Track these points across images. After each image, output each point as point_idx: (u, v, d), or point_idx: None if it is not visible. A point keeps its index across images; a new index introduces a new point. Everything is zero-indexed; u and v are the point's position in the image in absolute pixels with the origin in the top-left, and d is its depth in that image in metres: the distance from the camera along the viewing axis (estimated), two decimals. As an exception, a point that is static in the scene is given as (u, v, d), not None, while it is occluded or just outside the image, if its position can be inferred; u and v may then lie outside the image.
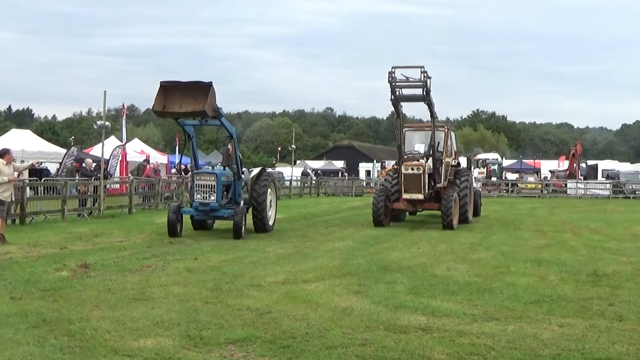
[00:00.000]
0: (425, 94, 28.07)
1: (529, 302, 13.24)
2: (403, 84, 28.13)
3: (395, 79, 27.80)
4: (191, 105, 23.07)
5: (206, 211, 24.82)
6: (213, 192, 24.49)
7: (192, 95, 23.20)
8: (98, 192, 33.27)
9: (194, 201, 24.79)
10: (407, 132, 31.43)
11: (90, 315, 11.57)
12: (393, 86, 27.97)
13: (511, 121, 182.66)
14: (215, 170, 25.02)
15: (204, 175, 24.75)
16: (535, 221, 34.40)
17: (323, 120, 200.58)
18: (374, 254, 19.95)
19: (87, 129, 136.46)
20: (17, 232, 24.07)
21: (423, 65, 27.62)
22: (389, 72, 27.75)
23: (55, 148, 53.19)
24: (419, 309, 12.41)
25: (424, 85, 27.72)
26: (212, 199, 24.47)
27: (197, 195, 24.65)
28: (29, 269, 16.20)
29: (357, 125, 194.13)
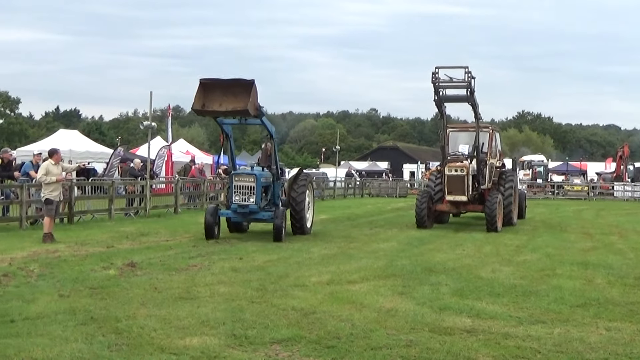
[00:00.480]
0: (469, 95, 27.89)
1: (575, 305, 13.13)
2: (447, 84, 27.82)
3: (438, 79, 27.52)
4: (232, 103, 22.48)
5: (245, 213, 23.96)
6: (252, 193, 23.55)
7: (232, 93, 22.58)
8: (144, 191, 33.51)
9: (232, 203, 23.71)
10: (451, 132, 31.18)
11: (137, 313, 11.67)
12: (437, 86, 27.66)
13: (557, 122, 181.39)
14: (254, 171, 24.09)
15: (243, 176, 23.86)
16: (581, 224, 34.11)
17: (367, 121, 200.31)
18: (419, 255, 19.90)
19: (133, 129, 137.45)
20: (65, 231, 24.31)
21: (467, 66, 27.50)
22: (433, 73, 27.48)
23: (102, 148, 53.80)
24: (464, 311, 12.36)
25: (467, 86, 27.51)
26: (251, 201, 23.56)
27: (236, 197, 23.62)
28: (77, 267, 16.38)
29: (402, 126, 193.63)
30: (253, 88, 22.24)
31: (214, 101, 22.69)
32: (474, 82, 27.47)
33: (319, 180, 60.94)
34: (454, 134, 31.57)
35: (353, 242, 23.39)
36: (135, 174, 36.98)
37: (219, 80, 22.96)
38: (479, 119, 29.41)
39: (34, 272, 15.57)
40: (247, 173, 23.97)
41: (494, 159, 30.85)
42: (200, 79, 22.81)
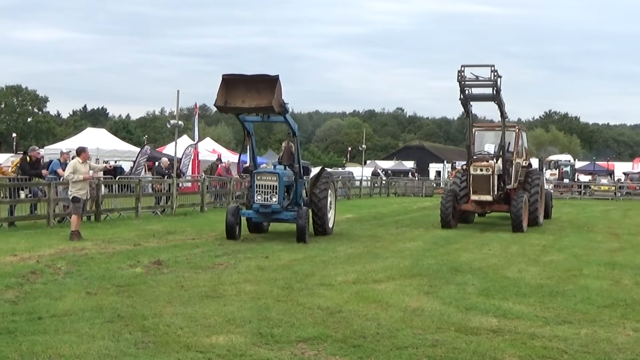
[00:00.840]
0: (495, 94, 27.63)
1: (602, 306, 13.06)
2: (472, 82, 27.63)
3: (464, 78, 27.35)
4: (255, 100, 21.90)
5: (267, 213, 23.26)
6: (275, 193, 22.84)
7: (256, 89, 21.95)
8: (171, 190, 33.62)
9: (254, 203, 23.07)
10: (477, 132, 30.97)
11: (164, 311, 11.70)
12: (462, 85, 27.49)
13: (584, 122, 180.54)
14: (277, 170, 23.45)
15: (265, 175, 23.16)
16: (608, 224, 33.93)
17: (393, 121, 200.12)
18: (445, 255, 19.85)
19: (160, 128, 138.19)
20: (92, 229, 24.43)
21: (493, 64, 27.21)
22: (458, 71, 27.30)
23: (129, 147, 54.03)
24: (490, 311, 12.32)
25: (494, 85, 27.26)
26: (274, 201, 22.83)
27: (258, 196, 22.93)
28: (104, 265, 16.46)
29: (428, 126, 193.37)
30: (277, 84, 21.68)
31: (237, 97, 22.12)
32: (500, 80, 27.23)
33: (345, 179, 61.00)
34: (480, 133, 31.33)
35: (379, 241, 23.38)
36: (162, 172, 37.07)
37: (242, 76, 22.35)
38: (505, 118, 29.17)
39: (61, 270, 15.63)
40: (269, 172, 23.41)
41: (520, 158, 30.60)
42: (222, 74, 22.33)
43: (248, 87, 22.09)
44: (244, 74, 22.37)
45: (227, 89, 22.15)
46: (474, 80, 27.59)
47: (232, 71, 23.81)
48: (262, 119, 24.08)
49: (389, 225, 30.17)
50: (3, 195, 25.15)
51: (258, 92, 21.93)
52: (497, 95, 27.72)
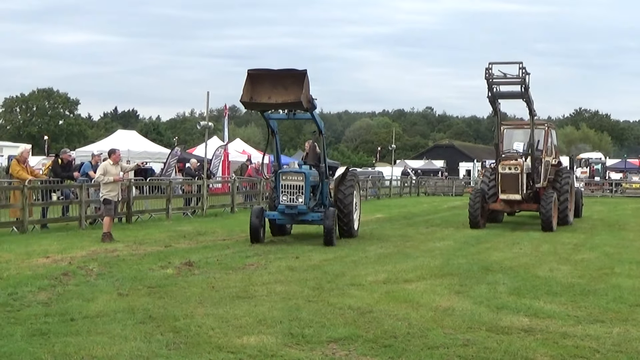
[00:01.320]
0: (523, 91, 27.31)
1: (635, 305, 12.98)
2: (500, 80, 27.32)
3: (492, 76, 27.00)
4: (282, 95, 21.12)
5: (293, 215, 22.36)
6: (301, 193, 21.98)
7: (282, 85, 21.20)
8: (201, 191, 33.72)
9: (280, 203, 22.17)
10: (505, 130, 30.59)
11: (195, 312, 11.75)
12: (490, 83, 27.20)
13: (615, 119, 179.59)
14: (303, 169, 22.54)
15: (291, 174, 22.30)
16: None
17: (423, 120, 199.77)
18: (475, 254, 19.78)
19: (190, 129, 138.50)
20: (124, 230, 24.57)
21: (521, 61, 26.94)
22: (486, 69, 26.99)
23: (159, 148, 54.35)
24: (521, 310, 12.27)
25: (522, 82, 26.97)
26: (300, 202, 21.98)
27: (283, 197, 22.03)
28: (135, 266, 16.54)
29: (457, 125, 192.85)
30: (305, 79, 20.89)
31: (263, 93, 21.34)
32: (529, 78, 27.01)
33: (375, 179, 60.99)
34: (509, 131, 30.94)
35: (409, 240, 23.34)
36: (191, 173, 37.24)
37: (268, 71, 21.56)
38: (534, 116, 28.87)
39: (93, 271, 15.73)
40: (295, 171, 22.49)
41: (549, 156, 30.18)
42: (248, 69, 21.41)
43: (274, 82, 21.39)
44: (270, 69, 21.62)
45: (253, 85, 21.37)
46: (502, 78, 27.30)
47: None
48: (287, 116, 23.39)
49: (419, 224, 30.11)
50: (35, 197, 25.27)
51: (285, 87, 21.22)
52: (526, 93, 27.42)
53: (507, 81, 27.44)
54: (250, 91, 21.30)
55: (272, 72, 21.51)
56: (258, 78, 21.43)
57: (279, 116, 23.51)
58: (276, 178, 22.72)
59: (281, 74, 21.40)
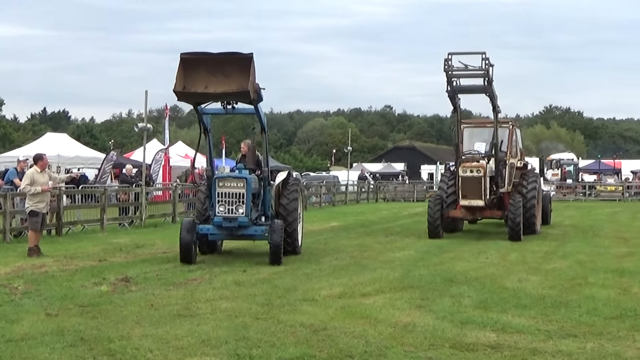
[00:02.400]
0: (486, 85, 26.76)
1: (610, 317, 13.11)
2: (461, 72, 26.82)
3: (451, 68, 26.41)
4: (221, 85, 19.09)
5: (232, 229, 20.25)
6: (241, 203, 19.98)
7: (222, 72, 19.13)
8: (139, 199, 33.55)
9: (216, 215, 20.10)
10: (465, 129, 29.85)
11: (132, 332, 11.66)
12: (449, 76, 26.63)
13: (588, 117, 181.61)
14: (244, 174, 20.54)
15: (230, 180, 20.27)
16: (616, 227, 34.05)
17: (381, 120, 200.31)
18: (438, 265, 19.87)
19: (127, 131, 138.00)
20: (53, 244, 24.34)
21: (484, 52, 26.34)
22: (445, 60, 26.36)
23: (93, 153, 54.00)
24: (488, 325, 12.35)
25: (485, 75, 26.42)
26: (240, 213, 19.96)
27: (220, 207, 19.94)
28: (65, 283, 16.39)
29: (419, 124, 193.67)
30: (252, 65, 18.88)
31: (198, 82, 19.21)
32: (492, 70, 26.47)
33: (330, 185, 61.11)
34: (469, 130, 30.41)
35: (366, 251, 23.39)
36: (128, 180, 37.00)
37: (205, 55, 19.46)
38: (498, 113, 28.60)
39: (18, 290, 15.58)
40: (235, 177, 20.42)
41: (514, 158, 29.78)
42: (180, 53, 19.23)
43: (212, 69, 19.29)
44: (208, 52, 19.54)
45: (187, 72, 19.22)
46: (463, 70, 26.86)
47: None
48: (226, 110, 20.89)
49: (378, 233, 30.18)
50: None
51: (225, 75, 19.16)
52: (489, 87, 26.95)
53: (469, 74, 27.02)
54: (183, 79, 19.16)
55: (210, 56, 19.47)
56: (193, 64, 19.36)
57: (216, 110, 21.30)
58: (211, 185, 20.86)
59: (221, 59, 19.39)
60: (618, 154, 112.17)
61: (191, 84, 19.28)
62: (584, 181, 77.57)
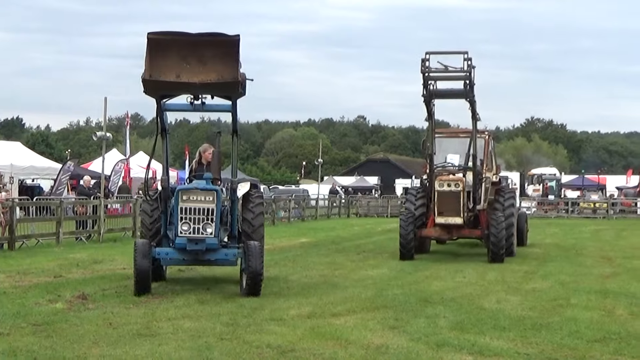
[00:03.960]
0: (467, 89, 25.36)
1: (593, 340, 13.18)
2: (440, 74, 25.43)
3: (430, 69, 25.03)
4: (196, 74, 16.20)
5: (198, 252, 17.46)
6: (210, 221, 17.21)
7: (198, 57, 16.20)
8: (98, 212, 33.45)
9: (178, 235, 17.27)
10: (435, 139, 27.84)
11: (89, 353, 11.62)
12: (427, 78, 25.20)
13: (571, 130, 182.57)
14: (214, 187, 17.72)
15: (196, 193, 17.37)
16: (600, 246, 34.23)
17: (354, 131, 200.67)
18: (413, 284, 19.92)
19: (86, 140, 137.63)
20: (5, 259, 24.29)
21: (466, 51, 25.00)
22: (422, 60, 24.94)
23: (49, 162, 53.69)
24: (464, 347, 12.39)
25: (467, 77, 25.02)
26: (209, 233, 17.21)
27: (183, 226, 17.10)
28: (18, 301, 16.32)
29: (393, 136, 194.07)
30: (237, 49, 16.14)
31: (166, 69, 16.16)
32: (474, 72, 25.16)
33: (299, 199, 61.19)
34: (439, 140, 28.71)
35: (338, 269, 23.41)
36: (85, 192, 36.94)
37: (177, 36, 16.32)
38: (478, 121, 26.96)
39: (-32, 307, 15.52)
40: (203, 188, 17.51)
41: (490, 172, 28.34)
42: (148, 33, 16.02)
43: (185, 53, 16.23)
44: (181, 32, 16.42)
45: (154, 56, 16.09)
46: (443, 71, 25.49)
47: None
48: (193, 106, 17.91)
49: (350, 250, 30.22)
50: None
51: (201, 61, 16.21)
52: (471, 91, 25.57)
53: (449, 76, 25.69)
54: (149, 66, 16.10)
55: (184, 37, 16.31)
56: (162, 46, 16.15)
57: (181, 106, 18.43)
58: (167, 197, 18.36)
59: (197, 41, 16.34)
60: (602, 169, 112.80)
61: (158, 71, 16.09)
62: (566, 197, 77.93)
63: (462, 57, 25.11)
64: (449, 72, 25.53)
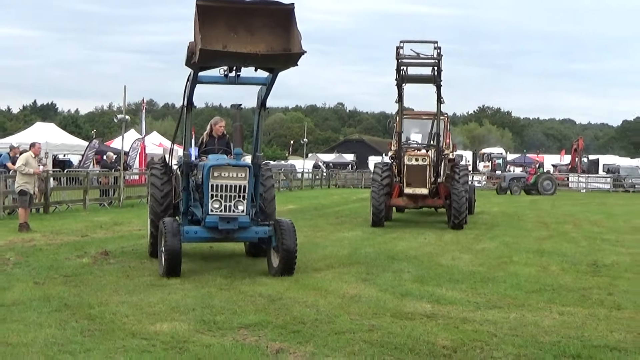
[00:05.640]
0: (435, 74, 24.72)
1: (530, 291, 13.22)
2: (413, 60, 24.73)
3: (403, 56, 24.42)
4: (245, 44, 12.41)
5: (229, 231, 14.33)
6: (242, 198, 14.13)
7: (245, 26, 12.48)
8: (118, 183, 33.42)
9: (209, 214, 14.03)
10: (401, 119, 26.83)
11: (110, 300, 11.63)
12: (400, 63, 24.51)
13: (516, 117, 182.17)
14: (246, 162, 14.68)
15: (229, 169, 14.15)
16: (537, 213, 34.28)
17: (334, 115, 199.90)
18: (382, 244, 19.91)
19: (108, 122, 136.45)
20: (41, 221, 24.19)
21: (436, 41, 24.53)
22: (397, 47, 24.31)
23: (77, 141, 53.37)
24: (424, 297, 12.40)
25: (436, 63, 24.55)
26: (241, 211, 14.13)
27: (214, 204, 13.99)
28: (51, 256, 16.31)
29: (367, 120, 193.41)
30: (291, 19, 12.45)
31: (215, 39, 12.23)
32: (442, 59, 24.66)
33: (288, 172, 61.14)
34: (405, 121, 27.73)
35: (319, 231, 23.40)
36: (108, 165, 37.09)
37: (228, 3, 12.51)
38: (443, 103, 25.88)
39: (10, 261, 15.48)
40: (235, 165, 14.32)
41: (447, 149, 27.69)
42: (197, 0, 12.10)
43: (234, 22, 12.46)
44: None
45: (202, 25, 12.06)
46: (415, 58, 24.84)
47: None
48: (227, 78, 14.16)
49: (329, 215, 30.20)
50: None
51: (249, 31, 12.52)
52: (438, 77, 24.86)
53: (420, 62, 24.99)
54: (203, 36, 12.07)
55: (234, 4, 12.64)
56: (210, 14, 12.27)
57: (215, 78, 14.63)
58: (188, 173, 15.45)
59: (247, 9, 12.63)
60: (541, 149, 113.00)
61: (206, 41, 12.07)
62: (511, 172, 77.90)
63: (432, 46, 24.71)
64: (420, 58, 24.95)
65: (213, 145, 16.11)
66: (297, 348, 9.12)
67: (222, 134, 16.61)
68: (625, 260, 17.62)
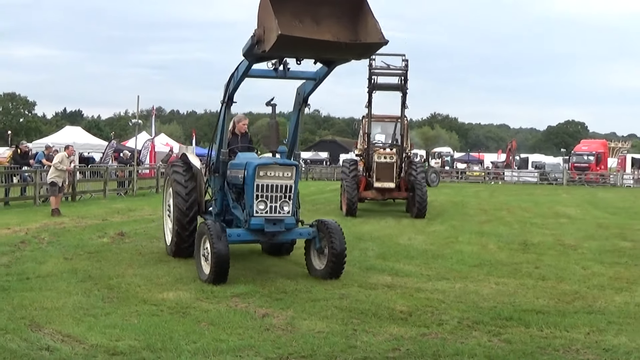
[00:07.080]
0: (402, 83, 24.17)
1: (472, 266, 13.31)
2: (383, 71, 24.14)
3: (375, 66, 23.94)
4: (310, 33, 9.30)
5: (275, 233, 11.50)
6: (288, 199, 11.56)
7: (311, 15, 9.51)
8: (132, 175, 33.44)
9: (254, 215, 11.23)
10: (365, 122, 26.05)
11: (125, 272, 11.65)
12: (371, 72, 23.94)
13: (461, 122, 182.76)
14: (293, 161, 12.30)
15: (275, 169, 11.45)
16: (478, 202, 34.37)
17: (311, 120, 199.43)
18: (351, 227, 19.86)
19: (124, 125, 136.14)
20: (69, 207, 24.11)
21: (404, 54, 24.21)
22: (369, 59, 23.31)
23: (99, 141, 53.27)
24: (385, 270, 12.47)
25: (403, 73, 24.04)
26: (287, 212, 11.53)
27: (260, 205, 11.23)
28: (78, 236, 16.29)
29: (339, 124, 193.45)
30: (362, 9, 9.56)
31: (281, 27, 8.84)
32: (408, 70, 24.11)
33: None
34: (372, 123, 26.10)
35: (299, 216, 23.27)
36: (124, 161, 37.35)
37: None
38: (407, 108, 24.91)
39: (44, 240, 15.45)
40: (282, 163, 11.67)
41: (407, 149, 26.30)
42: None
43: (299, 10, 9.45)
44: None
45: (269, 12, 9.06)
46: (385, 69, 24.17)
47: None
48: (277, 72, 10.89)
49: (307, 203, 29.91)
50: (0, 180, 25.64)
51: (315, 20, 9.55)
52: (405, 85, 24.23)
53: (390, 72, 24.29)
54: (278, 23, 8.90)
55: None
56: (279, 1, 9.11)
57: (264, 72, 11.13)
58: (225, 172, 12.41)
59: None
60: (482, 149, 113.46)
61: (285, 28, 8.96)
62: (457, 168, 78.15)
63: (401, 59, 24.26)
64: (389, 69, 24.35)
65: (236, 144, 13.52)
66: (280, 313, 9.15)
67: (244, 131, 14.32)
68: (549, 240, 17.72)
